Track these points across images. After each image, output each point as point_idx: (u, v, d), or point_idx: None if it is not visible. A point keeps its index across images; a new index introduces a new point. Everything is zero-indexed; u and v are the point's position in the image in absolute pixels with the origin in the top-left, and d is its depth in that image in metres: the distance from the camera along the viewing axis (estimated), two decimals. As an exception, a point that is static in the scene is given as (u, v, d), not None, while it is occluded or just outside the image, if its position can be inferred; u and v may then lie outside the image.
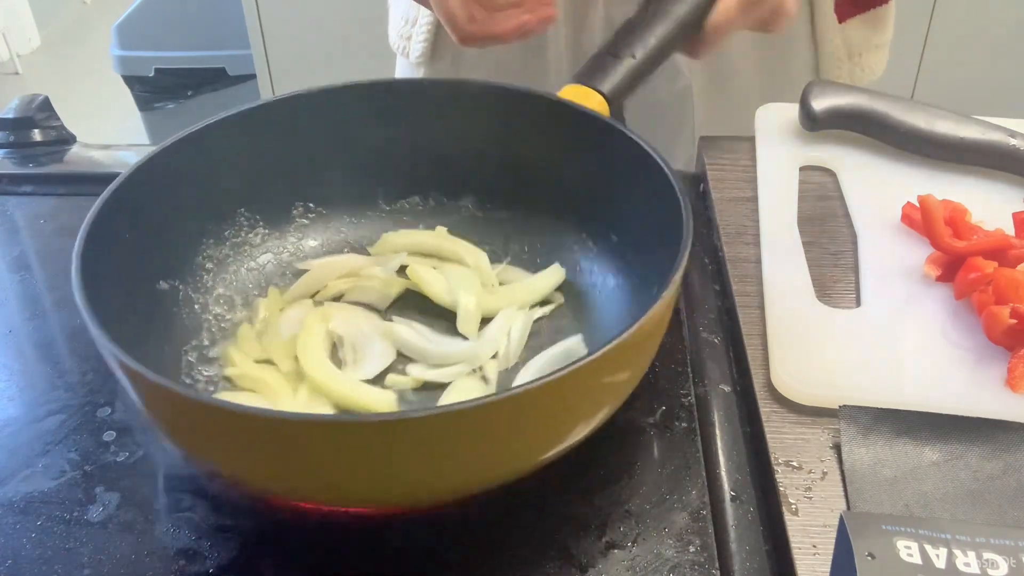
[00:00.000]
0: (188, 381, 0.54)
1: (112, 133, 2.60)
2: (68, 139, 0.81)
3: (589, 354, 0.42)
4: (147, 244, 0.55)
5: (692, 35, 0.64)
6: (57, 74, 3.16)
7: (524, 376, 0.55)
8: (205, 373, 0.55)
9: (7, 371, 0.58)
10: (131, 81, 2.28)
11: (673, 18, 0.63)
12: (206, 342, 0.57)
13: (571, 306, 0.60)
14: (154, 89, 2.27)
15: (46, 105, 0.81)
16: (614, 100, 0.60)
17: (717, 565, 0.45)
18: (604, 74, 0.61)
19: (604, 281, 0.60)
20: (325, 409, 0.52)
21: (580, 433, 0.46)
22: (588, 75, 0.61)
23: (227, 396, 0.53)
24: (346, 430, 0.41)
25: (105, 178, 0.52)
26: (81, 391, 0.56)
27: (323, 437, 0.40)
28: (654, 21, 0.63)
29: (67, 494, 0.49)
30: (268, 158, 0.61)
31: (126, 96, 2.32)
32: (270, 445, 0.41)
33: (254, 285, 0.61)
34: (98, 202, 0.51)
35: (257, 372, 0.54)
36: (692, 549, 0.46)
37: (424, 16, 0.85)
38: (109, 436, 0.53)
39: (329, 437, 0.40)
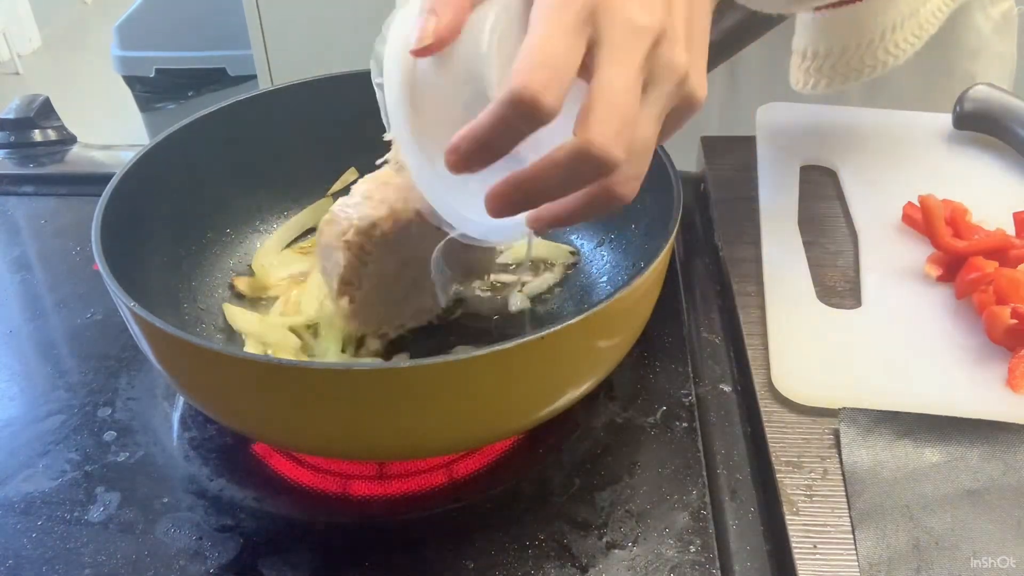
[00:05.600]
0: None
1: (113, 133, 2.60)
2: (68, 139, 0.81)
3: (581, 312, 0.43)
4: (165, 213, 0.57)
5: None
6: (58, 74, 3.17)
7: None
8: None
9: (8, 371, 0.58)
10: (132, 81, 2.27)
11: None
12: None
13: (571, 288, 0.62)
14: (155, 89, 2.26)
15: (47, 105, 0.82)
16: None
17: (717, 565, 0.45)
18: None
19: (604, 267, 0.62)
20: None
21: (573, 393, 0.47)
22: None
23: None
24: (325, 376, 0.42)
25: (106, 178, 0.52)
26: (81, 391, 0.56)
27: (306, 383, 0.42)
28: None
29: (68, 494, 0.49)
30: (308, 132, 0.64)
31: (127, 96, 2.32)
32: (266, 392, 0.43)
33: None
34: (121, 170, 0.53)
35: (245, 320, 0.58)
36: (692, 549, 0.46)
37: None
38: (110, 436, 0.53)
39: (301, 382, 0.42)
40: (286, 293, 0.60)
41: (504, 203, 0.39)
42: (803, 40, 0.73)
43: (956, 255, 0.59)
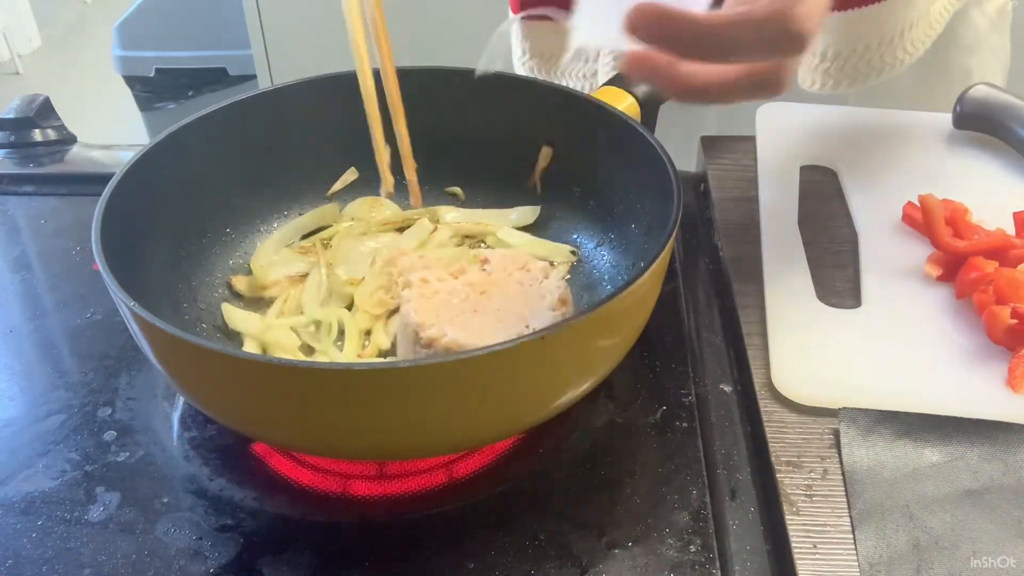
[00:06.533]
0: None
1: (113, 133, 2.60)
2: (68, 139, 0.81)
3: (584, 311, 0.43)
4: (165, 213, 0.57)
5: None
6: (58, 74, 3.16)
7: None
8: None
9: (8, 371, 0.58)
10: (132, 81, 2.27)
11: None
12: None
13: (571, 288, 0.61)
14: (155, 89, 2.27)
15: (47, 105, 0.82)
16: (648, 103, 0.61)
17: (717, 565, 0.45)
18: None
19: (604, 267, 0.62)
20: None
21: (573, 393, 0.47)
22: (624, 78, 0.62)
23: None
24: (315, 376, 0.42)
25: (106, 178, 0.52)
26: (81, 391, 0.56)
27: (307, 382, 0.42)
28: None
29: (68, 494, 0.49)
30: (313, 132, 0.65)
31: (127, 96, 2.32)
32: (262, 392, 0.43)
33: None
34: (121, 170, 0.53)
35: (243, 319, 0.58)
36: (692, 549, 0.46)
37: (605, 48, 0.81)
38: (110, 436, 0.53)
39: (304, 382, 0.42)
40: (285, 293, 0.60)
41: (651, 31, 0.36)
42: (821, 42, 0.73)
43: (956, 255, 0.59)
